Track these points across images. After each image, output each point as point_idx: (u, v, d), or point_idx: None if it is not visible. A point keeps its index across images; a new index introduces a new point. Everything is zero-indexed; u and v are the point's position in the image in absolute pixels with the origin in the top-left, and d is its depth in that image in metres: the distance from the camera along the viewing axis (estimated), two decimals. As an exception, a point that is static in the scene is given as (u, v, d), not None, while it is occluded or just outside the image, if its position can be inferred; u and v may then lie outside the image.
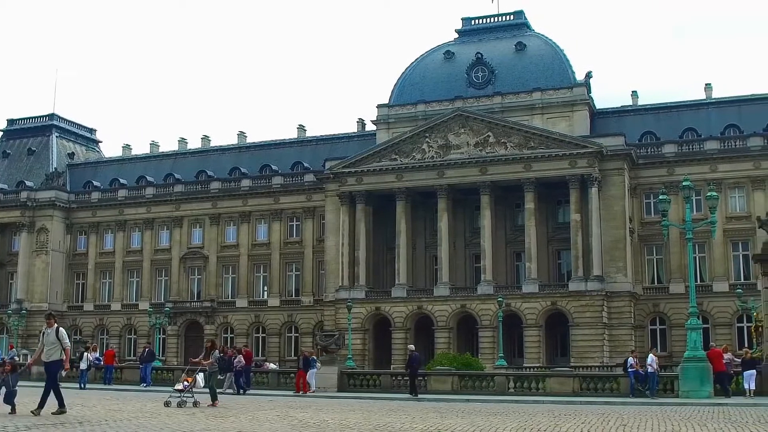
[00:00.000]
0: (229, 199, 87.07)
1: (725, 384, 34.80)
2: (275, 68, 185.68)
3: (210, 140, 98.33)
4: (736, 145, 74.34)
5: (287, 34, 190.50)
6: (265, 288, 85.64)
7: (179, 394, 27.60)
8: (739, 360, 36.80)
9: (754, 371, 34.27)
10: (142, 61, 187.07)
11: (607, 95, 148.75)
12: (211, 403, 28.23)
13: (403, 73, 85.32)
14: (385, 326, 75.17)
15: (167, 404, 26.79)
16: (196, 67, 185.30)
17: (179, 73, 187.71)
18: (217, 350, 32.11)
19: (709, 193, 36.85)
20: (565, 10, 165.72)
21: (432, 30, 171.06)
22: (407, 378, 40.84)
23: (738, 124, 76.43)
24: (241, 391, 40.83)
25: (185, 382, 28.52)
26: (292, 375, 45.87)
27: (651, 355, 35.55)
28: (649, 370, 34.56)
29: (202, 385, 30.15)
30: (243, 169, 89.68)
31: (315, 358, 43.64)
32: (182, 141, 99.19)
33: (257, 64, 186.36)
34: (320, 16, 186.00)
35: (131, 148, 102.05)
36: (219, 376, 44.92)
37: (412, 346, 43.73)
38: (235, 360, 42.30)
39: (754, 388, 34.05)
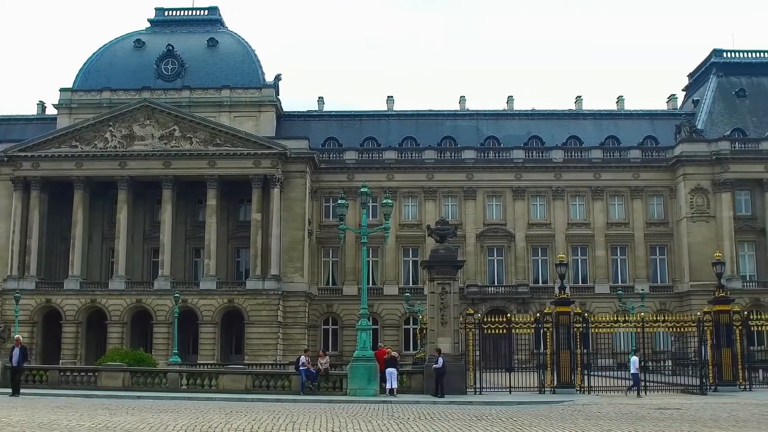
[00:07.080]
0: None
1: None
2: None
3: None
4: (412, 157, 78.48)
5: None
6: (-77, 275, 79.63)
7: None
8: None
9: (395, 370, 35.74)
10: None
11: (295, 99, 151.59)
12: None
13: (90, 58, 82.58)
14: (57, 319, 72.24)
15: None
16: None
17: None
18: None
19: (384, 201, 38.47)
20: (260, 12, 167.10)
21: (124, 17, 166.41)
22: (76, 373, 39.98)
23: (415, 136, 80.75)
24: None
25: None
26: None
27: (635, 357, 35.86)
28: (632, 371, 35.31)
29: None
30: None
31: None
32: None
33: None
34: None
35: None
36: None
37: (19, 336, 41.44)
38: None
39: (396, 386, 35.33)
